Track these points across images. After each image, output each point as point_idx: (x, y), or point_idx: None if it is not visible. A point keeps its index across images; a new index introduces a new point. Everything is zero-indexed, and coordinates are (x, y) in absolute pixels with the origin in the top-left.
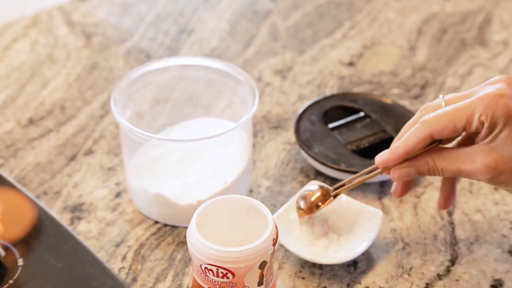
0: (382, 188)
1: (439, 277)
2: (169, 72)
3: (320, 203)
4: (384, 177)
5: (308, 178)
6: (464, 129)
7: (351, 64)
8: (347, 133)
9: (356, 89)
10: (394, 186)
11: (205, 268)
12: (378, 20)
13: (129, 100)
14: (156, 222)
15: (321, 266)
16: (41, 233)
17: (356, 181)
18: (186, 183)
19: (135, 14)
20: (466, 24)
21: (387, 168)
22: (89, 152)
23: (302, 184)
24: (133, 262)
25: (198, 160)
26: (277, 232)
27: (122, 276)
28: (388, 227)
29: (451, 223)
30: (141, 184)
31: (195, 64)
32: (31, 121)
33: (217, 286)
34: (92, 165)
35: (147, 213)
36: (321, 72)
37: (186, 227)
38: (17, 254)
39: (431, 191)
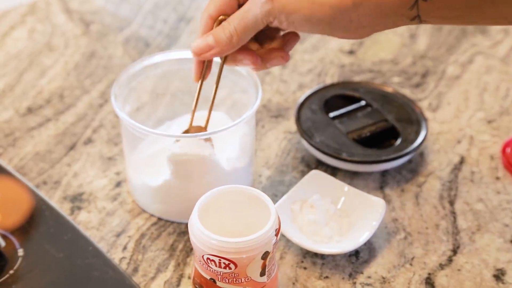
0: (383, 177)
1: (441, 266)
2: (168, 65)
3: None
4: (386, 166)
5: (309, 167)
6: None
7: (351, 52)
8: (348, 122)
9: (357, 78)
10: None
11: (207, 258)
12: None
13: (129, 94)
14: None
15: (323, 256)
16: (41, 223)
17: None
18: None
19: (133, 2)
20: None
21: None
22: (89, 141)
23: (303, 174)
24: (134, 252)
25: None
26: (279, 222)
27: (123, 266)
28: (390, 216)
29: (453, 213)
30: (142, 180)
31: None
32: (29, 110)
33: (219, 277)
34: (91, 154)
35: (150, 210)
36: (322, 60)
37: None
38: (17, 244)
39: (432, 181)
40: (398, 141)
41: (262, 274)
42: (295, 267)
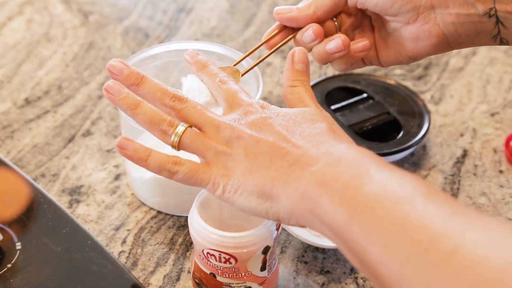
0: None
1: None
2: (168, 57)
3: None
4: (388, 159)
5: None
6: None
7: None
8: (350, 115)
9: (358, 70)
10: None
11: (207, 253)
12: None
13: None
14: None
15: (324, 250)
16: (39, 216)
17: (263, 56)
18: None
19: None
20: None
21: (294, 35)
22: (87, 133)
23: None
24: (133, 246)
25: None
26: None
27: (122, 260)
28: None
29: None
30: (142, 173)
31: (195, 48)
32: (27, 102)
33: (219, 271)
34: (90, 147)
35: (148, 202)
36: None
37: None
38: (15, 238)
39: (435, 174)
40: (400, 134)
41: (263, 268)
42: (296, 261)
